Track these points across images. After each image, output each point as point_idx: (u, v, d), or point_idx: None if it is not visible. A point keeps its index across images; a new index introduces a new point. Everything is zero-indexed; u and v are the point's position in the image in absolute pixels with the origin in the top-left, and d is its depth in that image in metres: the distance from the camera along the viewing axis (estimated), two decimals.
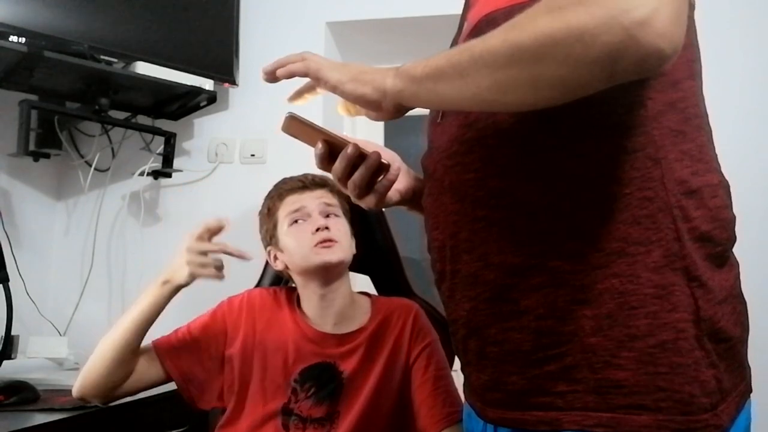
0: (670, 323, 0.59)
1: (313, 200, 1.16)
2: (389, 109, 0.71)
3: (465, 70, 0.60)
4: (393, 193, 0.85)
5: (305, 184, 1.18)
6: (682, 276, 0.60)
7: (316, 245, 1.10)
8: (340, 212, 1.18)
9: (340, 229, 1.15)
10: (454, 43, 0.81)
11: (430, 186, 0.76)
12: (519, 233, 0.64)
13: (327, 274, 1.13)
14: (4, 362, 1.34)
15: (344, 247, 1.14)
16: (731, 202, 0.68)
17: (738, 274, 0.67)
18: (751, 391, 0.66)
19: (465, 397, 0.78)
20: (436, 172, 0.74)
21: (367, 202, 0.80)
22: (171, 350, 1.11)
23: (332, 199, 1.18)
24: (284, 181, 1.22)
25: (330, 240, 1.11)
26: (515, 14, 0.59)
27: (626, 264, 0.60)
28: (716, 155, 0.68)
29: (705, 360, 0.59)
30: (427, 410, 1.05)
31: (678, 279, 0.59)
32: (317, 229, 1.11)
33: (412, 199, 0.90)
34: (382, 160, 0.77)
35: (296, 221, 1.14)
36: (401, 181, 0.88)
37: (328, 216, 1.15)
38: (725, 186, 0.68)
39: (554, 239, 0.63)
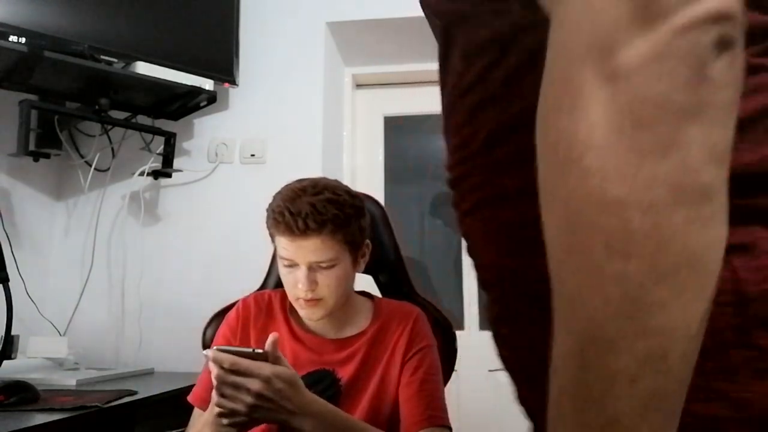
0: None
1: (304, 254, 1.03)
2: None
3: None
4: None
5: (296, 233, 1.02)
6: None
7: (298, 300, 1.07)
8: (336, 261, 1.05)
9: (330, 284, 1.05)
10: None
11: None
12: None
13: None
14: (4, 362, 1.34)
15: (329, 304, 1.07)
16: None
17: None
18: None
19: None
20: None
21: None
22: (206, 399, 1.02)
23: (325, 252, 1.04)
24: (281, 212, 1.03)
25: (313, 300, 1.06)
26: None
27: None
28: None
29: None
30: (410, 409, 1.04)
31: None
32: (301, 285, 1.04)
33: None
34: None
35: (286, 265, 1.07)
36: None
37: (319, 267, 1.05)
38: None
39: None
